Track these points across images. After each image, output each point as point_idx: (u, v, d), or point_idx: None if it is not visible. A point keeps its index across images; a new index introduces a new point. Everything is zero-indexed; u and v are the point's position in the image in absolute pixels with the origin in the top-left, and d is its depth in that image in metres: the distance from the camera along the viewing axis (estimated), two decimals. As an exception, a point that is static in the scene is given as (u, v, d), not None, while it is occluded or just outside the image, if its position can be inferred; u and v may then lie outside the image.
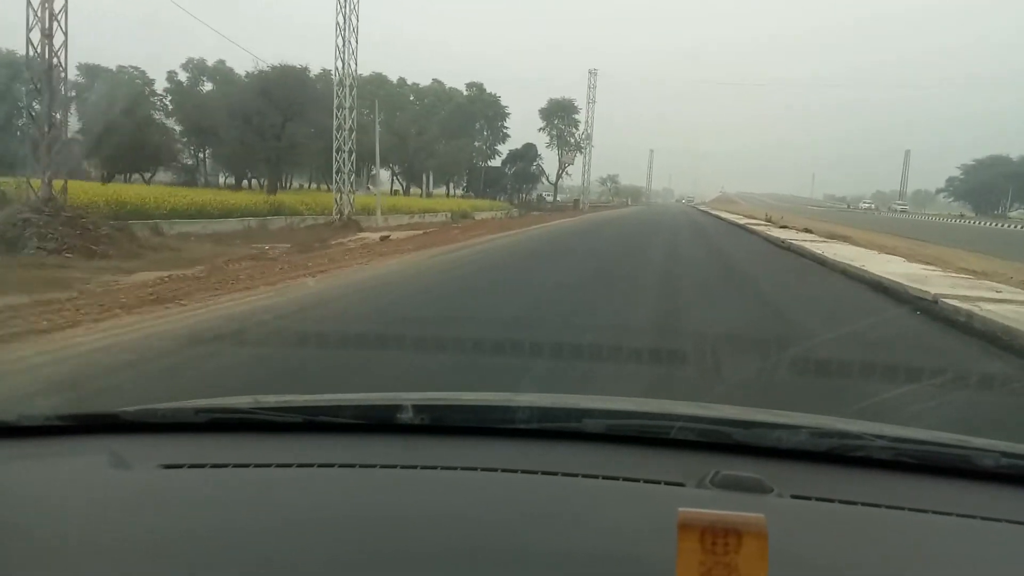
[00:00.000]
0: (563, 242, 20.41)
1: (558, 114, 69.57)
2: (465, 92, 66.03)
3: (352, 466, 1.31)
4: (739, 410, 1.60)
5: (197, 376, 4.65)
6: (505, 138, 67.32)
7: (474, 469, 1.31)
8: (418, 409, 1.46)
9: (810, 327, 7.36)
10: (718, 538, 0.77)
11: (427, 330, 6.48)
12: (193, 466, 1.31)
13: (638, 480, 1.27)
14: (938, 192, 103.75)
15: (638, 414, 1.53)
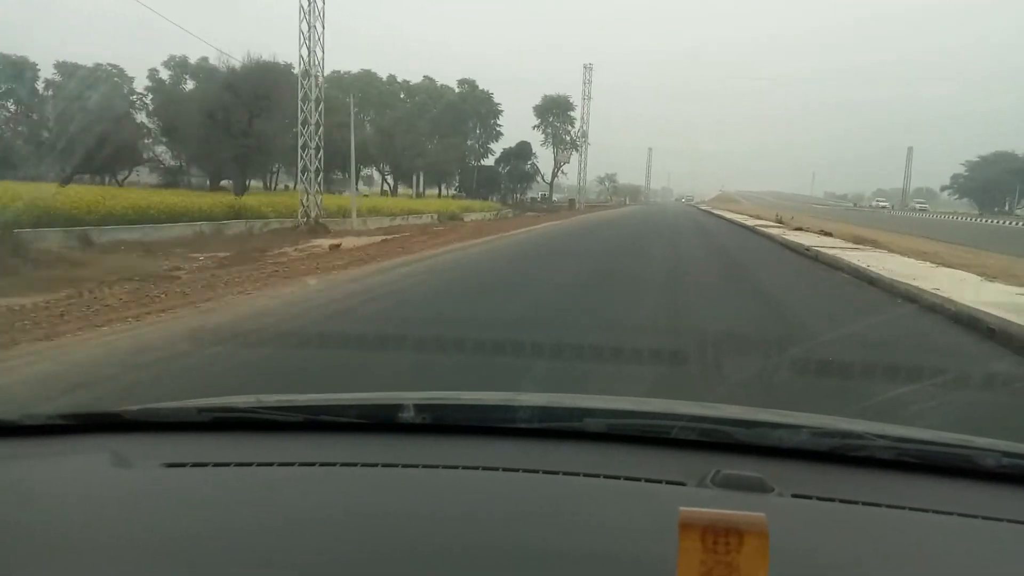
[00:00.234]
0: (532, 260, 17.28)
1: (553, 111, 67.83)
2: (457, 89, 63.73)
3: (354, 465, 1.31)
4: (741, 410, 1.61)
5: None
6: (499, 137, 65.77)
7: (475, 468, 1.31)
8: (420, 408, 1.47)
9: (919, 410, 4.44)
10: (719, 537, 0.77)
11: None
12: (195, 465, 1.31)
13: (639, 479, 1.27)
14: (942, 189, 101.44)
15: (639, 413, 1.54)
